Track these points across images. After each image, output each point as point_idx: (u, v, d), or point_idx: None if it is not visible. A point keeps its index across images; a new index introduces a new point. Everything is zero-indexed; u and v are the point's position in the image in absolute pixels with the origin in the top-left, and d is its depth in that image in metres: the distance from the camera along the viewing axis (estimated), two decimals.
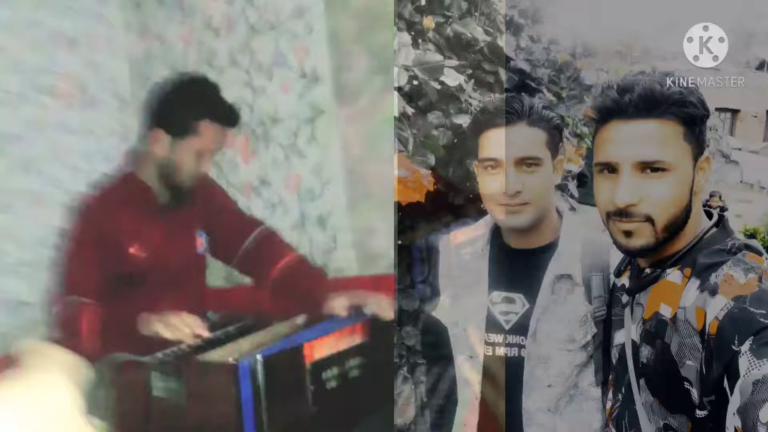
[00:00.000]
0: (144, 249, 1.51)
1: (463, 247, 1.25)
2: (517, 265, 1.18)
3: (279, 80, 1.89)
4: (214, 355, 1.29)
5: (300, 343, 1.27)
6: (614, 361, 1.05)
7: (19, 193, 1.72)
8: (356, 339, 1.38)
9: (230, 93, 1.57)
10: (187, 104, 1.49)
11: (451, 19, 1.63)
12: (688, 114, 0.90)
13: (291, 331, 1.44)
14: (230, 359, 1.21)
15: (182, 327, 1.36)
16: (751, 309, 0.80)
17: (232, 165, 1.97)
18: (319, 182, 1.90)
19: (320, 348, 1.30)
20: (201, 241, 1.61)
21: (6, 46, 1.70)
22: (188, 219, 1.59)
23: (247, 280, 1.70)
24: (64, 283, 1.45)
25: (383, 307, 1.43)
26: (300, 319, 1.50)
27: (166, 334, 1.34)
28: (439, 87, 1.50)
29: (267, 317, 1.51)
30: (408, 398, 1.70)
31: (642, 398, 0.95)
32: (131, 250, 1.50)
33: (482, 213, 1.22)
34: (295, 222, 1.92)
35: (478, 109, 1.30)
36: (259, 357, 1.19)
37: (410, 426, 1.64)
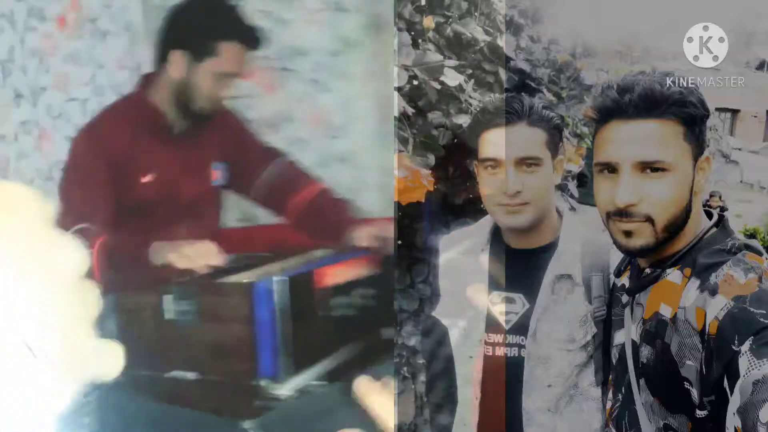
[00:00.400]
0: (156, 177, 1.44)
1: (462, 247, 1.25)
2: (517, 265, 1.18)
3: (303, 10, 1.79)
4: (231, 279, 1.26)
5: (313, 268, 1.27)
6: (614, 361, 1.05)
7: (24, 125, 1.63)
8: (364, 270, 1.37)
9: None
10: (208, 23, 1.42)
11: (451, 19, 1.63)
12: (688, 114, 0.90)
13: (308, 262, 1.41)
14: (245, 280, 1.19)
15: (196, 256, 1.29)
16: (751, 309, 0.80)
17: (252, 100, 1.85)
18: (345, 119, 1.80)
19: (332, 276, 1.29)
20: (217, 173, 1.54)
21: None
22: (204, 149, 1.52)
23: (263, 219, 1.63)
24: (71, 211, 1.36)
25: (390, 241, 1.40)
26: (319, 252, 1.45)
27: (179, 263, 1.28)
28: (439, 87, 1.50)
29: (285, 252, 1.46)
30: (408, 398, 1.70)
31: (642, 398, 0.95)
32: (142, 177, 1.43)
33: (482, 213, 1.22)
34: (317, 160, 1.81)
35: (478, 109, 1.30)
36: (276, 278, 1.18)
37: (410, 426, 1.64)
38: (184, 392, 1.25)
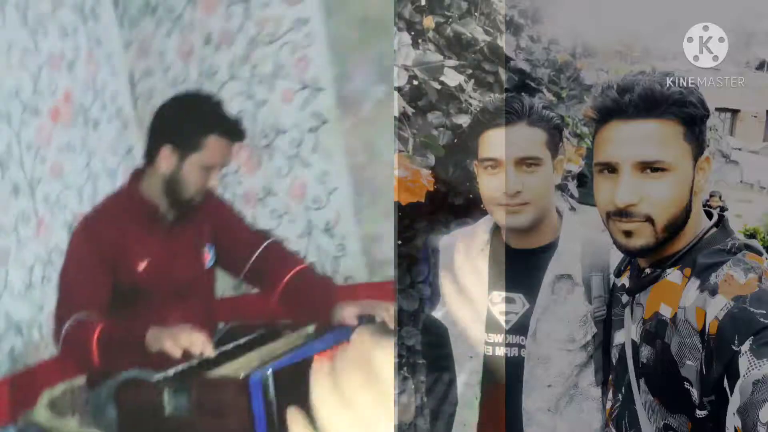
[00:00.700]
0: (151, 265, 1.52)
1: (462, 247, 1.25)
2: (517, 265, 1.18)
3: (281, 91, 1.94)
4: (225, 370, 1.29)
5: (310, 354, 1.27)
6: (614, 361, 1.05)
7: (22, 216, 1.71)
8: None
9: (232, 106, 1.61)
10: (194, 120, 1.51)
11: (451, 19, 1.63)
12: (688, 114, 0.90)
13: (301, 342, 1.44)
14: (240, 375, 1.21)
15: (191, 343, 1.34)
16: (751, 309, 0.80)
17: (237, 177, 2.01)
18: (325, 190, 1.94)
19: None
20: (209, 256, 1.62)
21: (3, 74, 1.71)
22: (195, 235, 1.60)
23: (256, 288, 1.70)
24: (71, 300, 1.46)
25: (392, 315, 1.46)
26: (310, 329, 1.50)
27: (175, 350, 1.33)
28: (439, 87, 1.50)
29: (277, 327, 1.51)
30: (408, 398, 1.70)
31: (642, 398, 0.95)
32: (138, 265, 1.51)
33: (482, 213, 1.22)
34: (302, 231, 1.96)
35: (478, 109, 1.30)
36: (269, 371, 1.20)
37: (410, 426, 1.64)
38: None
